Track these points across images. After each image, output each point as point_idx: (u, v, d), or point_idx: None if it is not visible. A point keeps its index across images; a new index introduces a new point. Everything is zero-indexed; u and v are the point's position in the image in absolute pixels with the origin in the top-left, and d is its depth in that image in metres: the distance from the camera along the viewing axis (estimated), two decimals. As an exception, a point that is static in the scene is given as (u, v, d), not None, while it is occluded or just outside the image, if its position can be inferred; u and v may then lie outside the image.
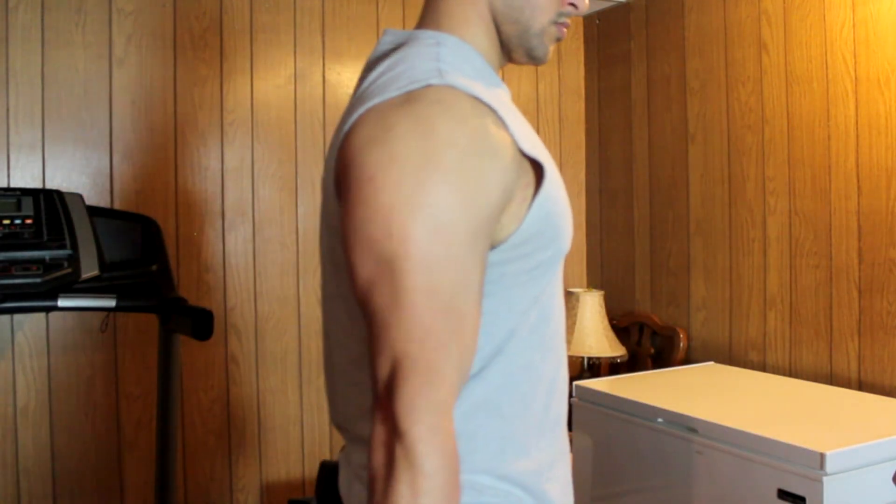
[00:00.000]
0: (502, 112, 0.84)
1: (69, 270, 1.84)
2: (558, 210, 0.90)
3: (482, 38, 0.95)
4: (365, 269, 0.77)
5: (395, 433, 0.73)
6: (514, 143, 0.83)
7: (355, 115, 0.83)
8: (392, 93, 0.82)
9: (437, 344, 0.75)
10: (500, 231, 0.84)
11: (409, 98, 0.81)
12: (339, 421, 0.99)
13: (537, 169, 0.86)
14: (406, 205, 0.75)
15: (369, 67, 0.94)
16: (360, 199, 0.78)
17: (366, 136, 0.80)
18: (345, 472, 0.99)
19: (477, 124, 0.80)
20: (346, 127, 0.84)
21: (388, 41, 0.95)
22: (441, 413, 0.74)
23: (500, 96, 0.91)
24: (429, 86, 0.81)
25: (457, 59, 0.89)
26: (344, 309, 0.92)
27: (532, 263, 0.89)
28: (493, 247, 0.84)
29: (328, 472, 1.08)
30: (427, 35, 0.93)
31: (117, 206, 2.41)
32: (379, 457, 0.74)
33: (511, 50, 0.97)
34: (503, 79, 3.03)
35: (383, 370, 0.76)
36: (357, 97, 0.88)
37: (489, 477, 0.89)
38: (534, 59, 0.98)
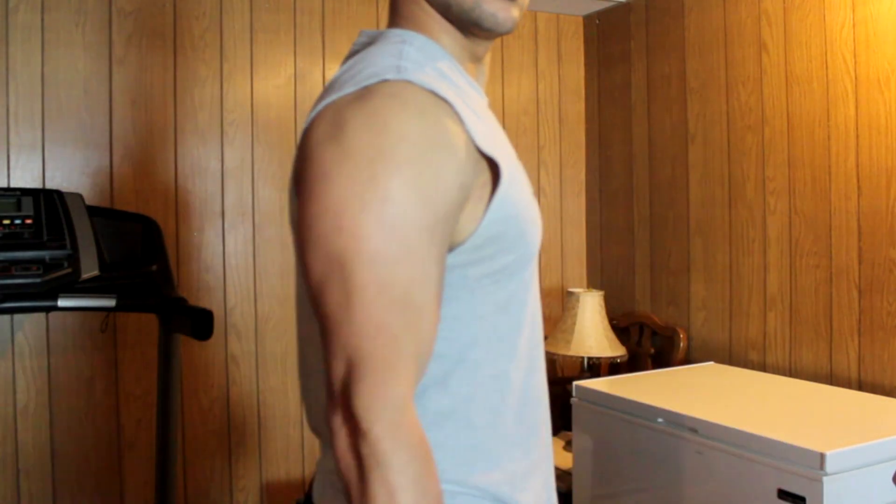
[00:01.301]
0: (459, 107, 0.82)
1: (69, 270, 1.84)
2: (520, 212, 0.87)
3: (446, 37, 0.93)
4: (316, 266, 0.76)
5: (357, 434, 0.72)
6: (471, 139, 0.82)
7: (313, 113, 0.83)
8: (349, 88, 0.81)
9: (391, 339, 0.74)
10: (458, 232, 0.82)
11: (364, 93, 0.79)
12: (313, 424, 0.97)
13: (495, 168, 0.84)
14: (358, 200, 0.74)
15: (341, 67, 0.93)
16: (313, 195, 0.77)
17: (320, 133, 0.79)
18: (319, 477, 0.98)
19: (432, 119, 0.79)
20: (306, 125, 0.84)
21: (360, 42, 0.95)
22: (401, 408, 0.73)
23: (468, 96, 0.89)
24: (384, 81, 0.80)
25: (421, 56, 0.87)
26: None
27: (495, 267, 0.86)
28: (451, 248, 0.83)
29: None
30: (395, 33, 0.92)
31: (117, 206, 2.41)
32: (348, 460, 0.73)
33: (465, 30, 0.93)
34: (503, 79, 3.05)
35: (338, 370, 0.75)
36: (319, 96, 0.87)
37: (458, 486, 0.88)
38: (489, 30, 0.91)
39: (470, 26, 0.91)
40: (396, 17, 0.95)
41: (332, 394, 0.75)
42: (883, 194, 2.11)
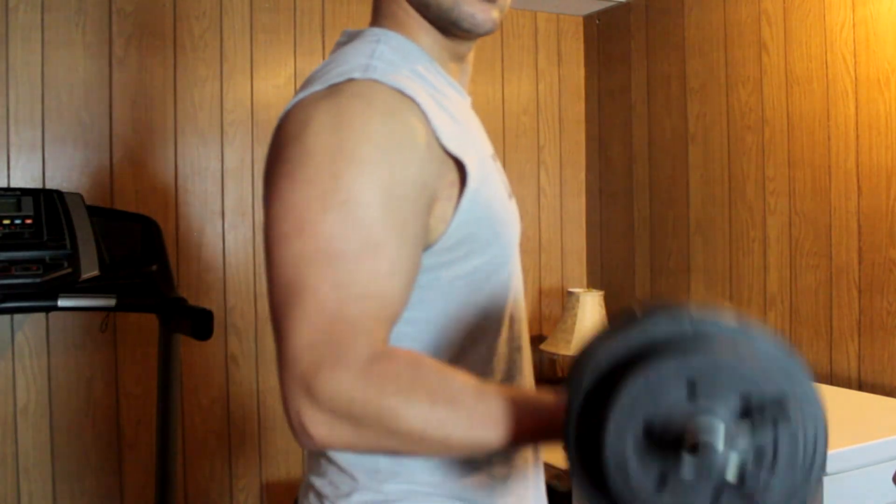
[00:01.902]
0: (426, 106, 0.81)
1: (69, 270, 1.84)
2: (493, 213, 0.86)
3: (427, 37, 0.92)
4: (277, 265, 0.75)
5: (331, 418, 0.70)
6: (436, 139, 0.81)
7: (285, 110, 0.83)
8: (317, 87, 0.81)
9: (347, 327, 0.71)
10: (428, 233, 0.81)
11: (330, 92, 0.79)
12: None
13: (463, 169, 0.83)
14: (319, 200, 0.73)
15: None
16: (276, 194, 0.76)
17: (286, 132, 0.80)
18: (304, 481, 0.97)
19: (395, 117, 0.78)
20: (277, 122, 0.84)
21: (340, 41, 0.95)
22: (363, 370, 0.70)
23: (445, 96, 0.88)
24: (350, 80, 0.80)
25: (395, 55, 0.87)
26: None
27: (467, 269, 0.85)
28: (423, 250, 0.82)
29: None
30: (371, 32, 0.92)
31: (117, 206, 2.41)
32: (337, 434, 0.70)
33: (444, 30, 0.92)
34: (503, 80, 3.04)
35: (295, 367, 0.71)
36: (295, 93, 0.87)
37: (434, 489, 0.87)
38: (467, 31, 0.90)
39: (449, 26, 0.90)
40: (377, 16, 0.95)
41: (293, 389, 0.72)
42: (883, 194, 2.11)
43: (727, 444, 0.57)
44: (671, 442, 0.59)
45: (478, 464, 0.89)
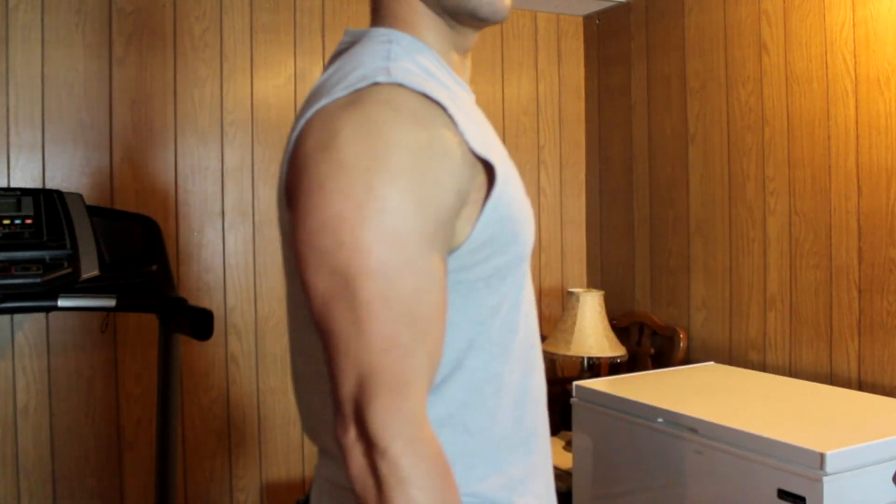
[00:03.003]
0: (452, 110, 0.80)
1: (69, 270, 1.84)
2: (514, 213, 0.86)
3: (431, 32, 0.91)
4: (319, 282, 0.74)
5: (375, 452, 0.71)
6: (465, 142, 0.80)
7: (303, 120, 0.81)
8: (339, 93, 0.79)
9: (403, 353, 0.73)
10: (455, 237, 0.81)
11: (356, 98, 0.78)
12: (307, 427, 0.96)
13: (489, 170, 0.82)
14: (356, 213, 0.72)
15: (326, 68, 0.92)
16: (310, 208, 0.74)
17: (313, 143, 0.77)
18: (316, 484, 0.97)
19: (425, 124, 0.77)
20: (296, 132, 0.81)
21: (345, 42, 0.93)
22: (417, 421, 0.73)
23: (457, 95, 0.88)
24: (375, 84, 0.78)
25: (408, 56, 0.85)
26: (305, 316, 0.87)
27: (488, 270, 0.85)
28: (449, 253, 0.81)
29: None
30: (380, 32, 0.90)
31: (117, 206, 2.41)
32: (364, 479, 0.72)
33: (459, 20, 0.91)
34: (503, 80, 3.04)
35: (348, 387, 0.73)
36: (307, 99, 0.85)
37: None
38: (484, 19, 0.90)
39: (466, 16, 0.90)
40: (379, 16, 0.93)
41: (342, 412, 0.74)
42: (883, 194, 2.11)
43: None
44: None
45: (498, 463, 0.89)
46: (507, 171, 0.86)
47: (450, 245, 0.81)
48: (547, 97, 3.15)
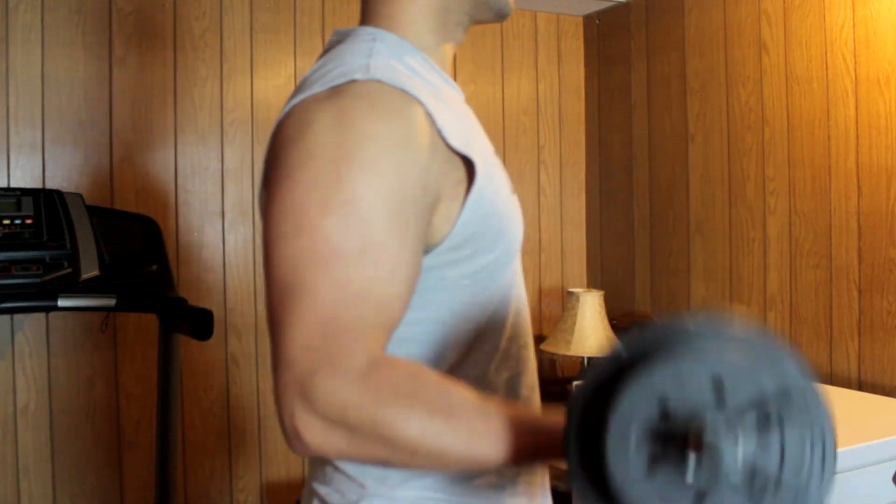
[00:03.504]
0: (431, 106, 0.80)
1: (69, 270, 1.84)
2: (499, 210, 0.86)
3: (421, 30, 0.92)
4: (274, 265, 0.74)
5: (328, 422, 0.68)
6: (441, 138, 0.80)
7: (282, 113, 0.82)
8: (317, 88, 0.79)
9: (343, 331, 0.70)
10: (433, 233, 0.81)
11: (333, 93, 0.78)
12: None
13: (470, 167, 0.82)
14: (320, 202, 0.73)
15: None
16: (277, 196, 0.75)
17: (287, 134, 0.78)
18: (306, 485, 0.96)
19: (399, 119, 0.77)
20: (275, 125, 0.83)
21: (333, 40, 0.94)
22: (362, 376, 0.68)
23: (442, 92, 0.88)
24: (353, 80, 0.79)
25: (392, 54, 0.86)
26: None
27: (474, 267, 0.85)
28: (427, 250, 0.81)
29: None
30: (366, 31, 0.90)
31: (117, 206, 2.41)
32: (333, 442, 0.69)
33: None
34: (503, 80, 3.04)
35: (293, 369, 0.70)
36: (291, 95, 0.86)
37: (445, 495, 0.86)
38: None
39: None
40: (368, 15, 0.94)
41: (287, 392, 0.70)
42: (883, 194, 2.11)
43: (734, 445, 0.57)
44: (675, 441, 0.59)
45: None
46: (489, 168, 0.86)
47: (426, 241, 0.80)
48: (547, 97, 3.15)
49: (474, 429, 0.70)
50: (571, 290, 2.79)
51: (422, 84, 0.83)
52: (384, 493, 0.86)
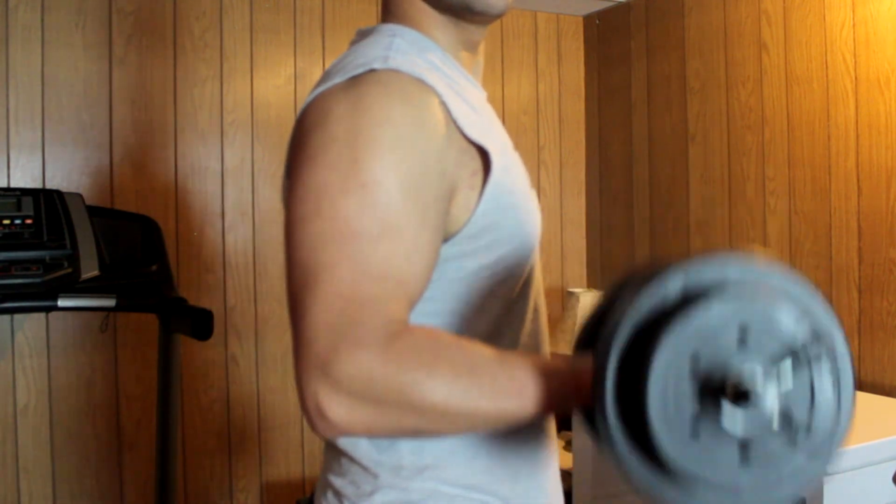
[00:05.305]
0: (446, 96, 0.82)
1: (69, 270, 1.84)
2: (515, 201, 0.87)
3: (437, 30, 0.93)
4: (293, 246, 0.75)
5: (352, 398, 0.68)
6: (457, 128, 0.82)
7: (305, 103, 0.84)
8: (338, 79, 0.82)
9: (361, 307, 0.70)
10: (451, 222, 0.82)
11: (352, 83, 0.81)
12: None
13: (486, 157, 0.84)
14: (338, 184, 0.74)
15: None
16: (298, 181, 0.77)
17: (308, 122, 0.81)
18: (320, 477, 0.97)
19: (415, 104, 0.79)
20: (297, 116, 0.85)
21: (355, 39, 0.96)
22: (382, 351, 0.68)
23: (463, 88, 0.89)
24: (371, 70, 0.81)
25: (413, 48, 0.88)
26: None
27: (492, 258, 0.86)
28: (446, 239, 0.82)
29: None
30: (387, 28, 0.93)
31: (117, 206, 2.41)
32: (358, 414, 0.68)
33: (457, 15, 0.92)
34: (503, 80, 3.04)
35: (313, 348, 0.70)
36: (314, 87, 0.88)
37: (459, 488, 0.87)
38: (481, 13, 0.91)
39: (462, 10, 0.91)
40: (388, 13, 0.96)
41: (310, 372, 0.70)
42: (883, 194, 2.11)
43: (775, 390, 0.57)
44: (714, 389, 0.58)
45: (505, 457, 0.90)
46: (506, 160, 0.87)
47: (444, 229, 0.81)
48: (547, 97, 3.15)
49: (499, 382, 0.70)
50: (571, 289, 2.79)
51: (440, 77, 0.85)
52: (398, 484, 0.86)
